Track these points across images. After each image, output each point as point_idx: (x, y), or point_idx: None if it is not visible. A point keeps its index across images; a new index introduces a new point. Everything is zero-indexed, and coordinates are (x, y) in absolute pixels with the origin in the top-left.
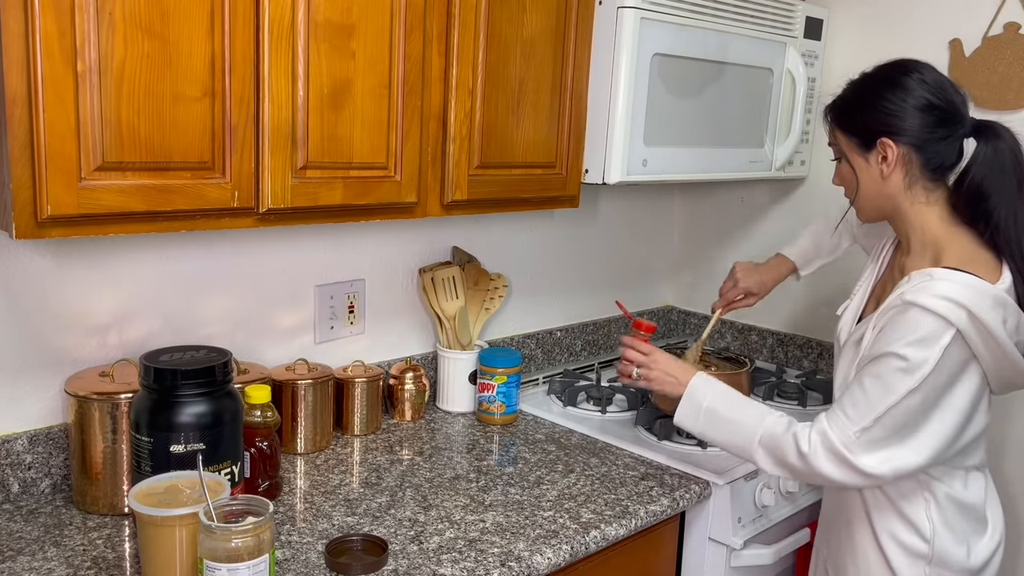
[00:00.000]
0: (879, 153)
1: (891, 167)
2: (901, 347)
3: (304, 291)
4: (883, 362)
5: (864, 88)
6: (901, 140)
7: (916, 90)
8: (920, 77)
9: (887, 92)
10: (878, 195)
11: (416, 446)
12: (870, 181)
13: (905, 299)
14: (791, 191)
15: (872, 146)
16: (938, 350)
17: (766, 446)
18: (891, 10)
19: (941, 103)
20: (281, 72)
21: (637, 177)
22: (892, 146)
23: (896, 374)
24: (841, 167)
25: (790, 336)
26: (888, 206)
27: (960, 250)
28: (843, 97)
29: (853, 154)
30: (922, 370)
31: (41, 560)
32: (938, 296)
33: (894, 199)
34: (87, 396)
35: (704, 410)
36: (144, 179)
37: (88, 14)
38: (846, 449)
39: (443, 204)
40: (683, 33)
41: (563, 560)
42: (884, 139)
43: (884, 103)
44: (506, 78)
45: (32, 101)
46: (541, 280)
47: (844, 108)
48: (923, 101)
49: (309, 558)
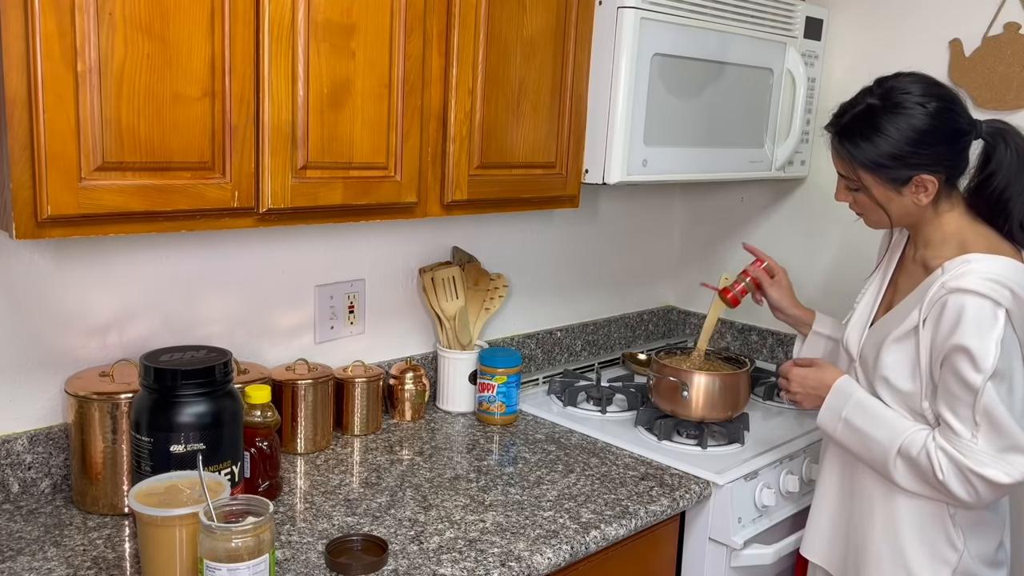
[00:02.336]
0: (916, 186)
1: (930, 196)
2: (964, 339)
3: (304, 291)
4: (953, 360)
5: (886, 129)
6: (938, 171)
7: (942, 123)
8: (937, 107)
9: (912, 133)
10: (903, 214)
11: (416, 446)
12: (900, 207)
13: (950, 287)
14: (791, 191)
15: (906, 180)
16: (998, 333)
17: (903, 468)
18: (891, 10)
19: (963, 124)
20: (281, 72)
21: (637, 177)
22: (933, 180)
23: (970, 370)
24: (860, 196)
25: (790, 336)
26: (910, 221)
27: (985, 241)
28: (856, 132)
29: (878, 187)
30: (991, 357)
31: (41, 560)
32: (983, 278)
33: (918, 215)
34: (87, 396)
35: (842, 421)
36: (144, 179)
37: (88, 14)
38: (975, 463)
39: (443, 204)
40: (683, 33)
41: (563, 560)
42: (922, 176)
43: (915, 148)
44: (506, 78)
45: (32, 101)
46: (541, 280)
47: (860, 146)
48: (951, 129)
49: (309, 558)
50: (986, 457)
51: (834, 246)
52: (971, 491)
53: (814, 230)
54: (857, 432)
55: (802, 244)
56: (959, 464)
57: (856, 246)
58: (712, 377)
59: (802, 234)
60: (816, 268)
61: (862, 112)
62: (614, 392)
